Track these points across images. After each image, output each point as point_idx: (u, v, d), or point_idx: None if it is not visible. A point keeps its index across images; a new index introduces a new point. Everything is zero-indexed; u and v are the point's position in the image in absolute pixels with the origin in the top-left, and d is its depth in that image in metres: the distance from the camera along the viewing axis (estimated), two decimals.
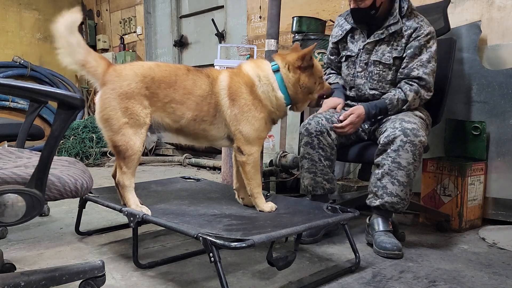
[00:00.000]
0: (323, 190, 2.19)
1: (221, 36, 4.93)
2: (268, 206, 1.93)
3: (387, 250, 1.97)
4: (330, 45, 2.51)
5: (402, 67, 2.22)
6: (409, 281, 1.71)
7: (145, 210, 1.78)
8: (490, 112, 2.58)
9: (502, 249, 2.12)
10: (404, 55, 2.21)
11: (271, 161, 3.21)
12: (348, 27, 2.37)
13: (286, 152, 3.21)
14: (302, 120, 3.28)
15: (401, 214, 2.77)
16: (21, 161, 1.31)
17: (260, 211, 1.92)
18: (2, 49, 6.22)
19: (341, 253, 2.03)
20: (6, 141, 2.77)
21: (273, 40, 3.09)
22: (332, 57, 2.52)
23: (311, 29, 3.27)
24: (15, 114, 6.14)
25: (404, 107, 2.19)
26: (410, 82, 2.18)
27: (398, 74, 2.23)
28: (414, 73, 2.17)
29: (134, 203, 1.81)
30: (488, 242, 2.23)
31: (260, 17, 4.41)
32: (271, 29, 3.07)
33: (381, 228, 2.06)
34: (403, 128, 2.00)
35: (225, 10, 4.96)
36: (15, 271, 1.62)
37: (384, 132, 2.07)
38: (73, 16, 1.64)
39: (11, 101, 6.11)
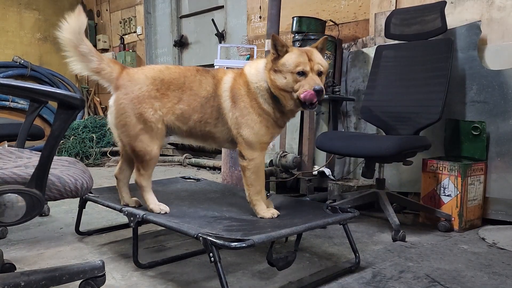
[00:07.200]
0: None
1: (221, 36, 4.93)
2: (269, 212, 1.81)
3: None
4: None
5: None
6: (409, 281, 1.71)
7: (163, 208, 1.79)
8: (490, 112, 2.58)
9: (502, 249, 2.12)
10: None
11: (271, 161, 3.21)
12: None
13: (286, 152, 3.21)
14: (302, 120, 3.28)
15: (401, 214, 2.77)
16: (21, 161, 1.31)
17: (260, 217, 1.81)
18: (2, 49, 6.22)
19: (341, 253, 2.03)
20: (6, 141, 2.77)
21: None
22: None
23: (311, 29, 3.27)
24: (15, 114, 6.14)
25: None
26: None
27: None
28: None
29: (153, 203, 1.81)
30: (488, 242, 2.23)
31: (260, 17, 4.41)
32: (271, 29, 3.08)
33: None
34: None
35: (225, 10, 4.96)
36: (15, 271, 1.62)
37: None
38: (78, 21, 1.62)
39: (11, 101, 6.11)
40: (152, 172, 1.84)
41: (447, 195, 2.45)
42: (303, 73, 1.68)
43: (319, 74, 1.72)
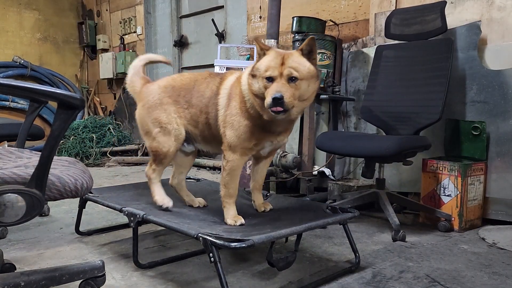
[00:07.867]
0: None
1: (221, 36, 4.93)
2: (232, 220, 1.71)
3: None
4: None
5: None
6: (409, 281, 1.71)
7: (167, 202, 1.88)
8: (490, 112, 2.58)
9: (502, 249, 2.12)
10: None
11: (271, 161, 3.21)
12: None
13: (286, 152, 3.21)
14: (302, 120, 3.28)
15: (401, 214, 2.77)
16: (21, 161, 1.31)
17: (224, 222, 1.74)
18: (2, 49, 6.21)
19: (341, 253, 2.03)
20: (6, 141, 2.77)
21: (273, 40, 3.09)
22: None
23: (311, 29, 3.27)
24: (15, 114, 6.14)
25: None
26: None
27: None
28: None
29: (159, 194, 1.90)
30: (488, 242, 2.23)
31: (260, 17, 4.41)
32: (271, 29, 3.08)
33: None
34: None
35: (225, 10, 4.96)
36: (15, 271, 1.62)
37: None
38: (142, 59, 2.09)
39: (11, 101, 6.11)
40: (163, 169, 1.95)
41: (447, 195, 2.45)
42: (271, 79, 1.54)
43: (292, 79, 1.54)
